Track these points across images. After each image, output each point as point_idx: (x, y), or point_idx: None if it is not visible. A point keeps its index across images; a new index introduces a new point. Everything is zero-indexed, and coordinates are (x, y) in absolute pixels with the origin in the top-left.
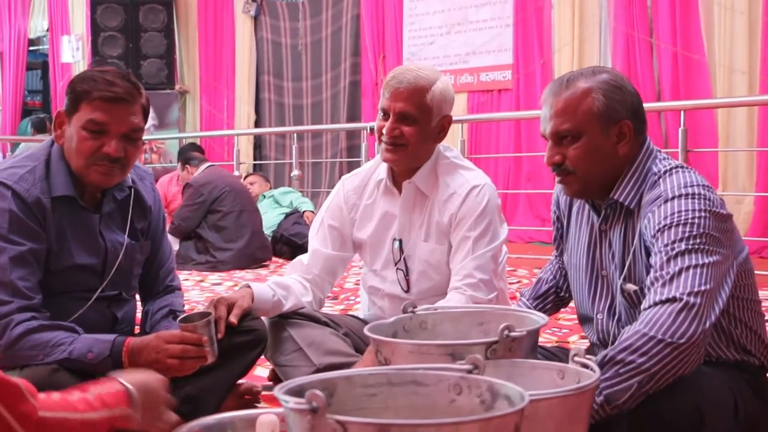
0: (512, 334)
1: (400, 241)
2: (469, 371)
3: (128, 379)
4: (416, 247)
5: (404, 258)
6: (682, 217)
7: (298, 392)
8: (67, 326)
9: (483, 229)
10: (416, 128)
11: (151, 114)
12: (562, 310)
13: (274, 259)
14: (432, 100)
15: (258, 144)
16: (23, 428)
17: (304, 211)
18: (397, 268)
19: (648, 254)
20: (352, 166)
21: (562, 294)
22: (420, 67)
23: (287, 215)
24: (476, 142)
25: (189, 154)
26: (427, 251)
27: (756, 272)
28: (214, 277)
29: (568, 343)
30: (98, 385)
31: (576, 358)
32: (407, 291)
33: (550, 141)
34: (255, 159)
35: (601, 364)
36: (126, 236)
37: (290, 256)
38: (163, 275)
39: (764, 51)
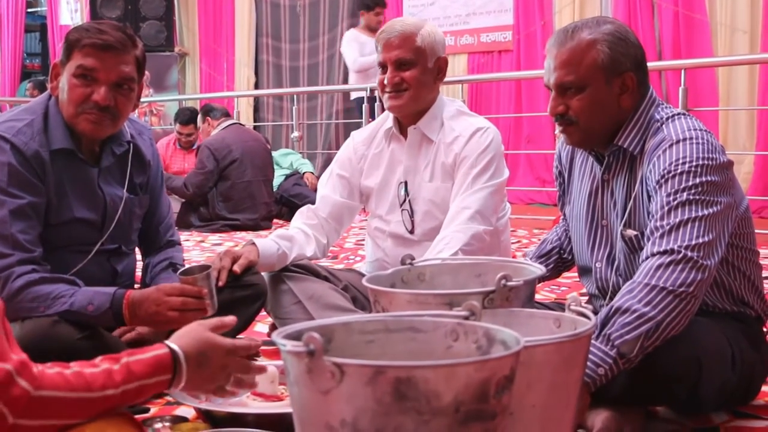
0: (509, 283)
1: (405, 183)
2: (466, 318)
3: (180, 343)
4: (421, 188)
5: (409, 200)
6: (686, 166)
7: (296, 337)
8: (68, 279)
9: (484, 166)
10: (415, 71)
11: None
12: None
13: (274, 221)
14: (423, 42)
15: (257, 106)
16: (11, 411)
17: (304, 173)
18: (402, 209)
19: (650, 200)
20: (347, 128)
21: (565, 255)
22: (405, 18)
23: (287, 176)
24: (476, 103)
25: (209, 105)
26: (431, 191)
27: (756, 231)
28: (214, 237)
29: (566, 300)
30: (140, 352)
31: (573, 307)
32: (411, 231)
33: (554, 92)
34: (255, 121)
35: (606, 319)
36: (125, 190)
37: (290, 218)
38: (163, 230)
39: (766, 10)
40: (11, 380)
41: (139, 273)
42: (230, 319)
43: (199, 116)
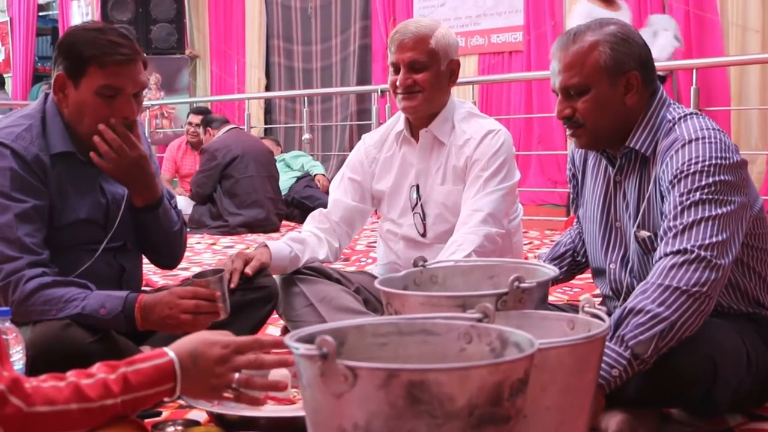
0: (522, 285)
1: (417, 186)
2: (479, 320)
3: (178, 349)
4: (433, 191)
5: (421, 203)
6: (699, 165)
7: (308, 340)
8: (79, 282)
9: (495, 169)
10: (428, 74)
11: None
12: None
13: (285, 222)
14: (437, 45)
15: (268, 108)
16: (6, 430)
17: (315, 175)
18: (414, 213)
19: (663, 200)
20: (362, 130)
21: (578, 258)
22: (419, 19)
23: (299, 179)
24: (487, 104)
25: (209, 117)
26: (443, 194)
27: None
28: (225, 240)
29: (579, 301)
30: (137, 361)
31: (586, 308)
32: (423, 235)
33: (560, 95)
34: (265, 123)
35: (620, 320)
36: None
37: (301, 220)
38: None
39: None
40: (4, 399)
41: (145, 272)
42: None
43: (200, 128)
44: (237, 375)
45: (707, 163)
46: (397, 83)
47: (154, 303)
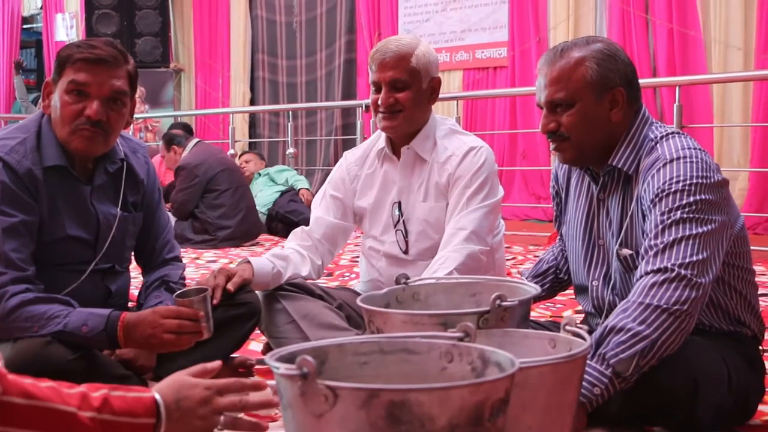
0: (504, 303)
1: (399, 203)
2: (461, 339)
3: (161, 391)
4: (415, 208)
5: (403, 220)
6: (680, 185)
7: (289, 359)
8: (63, 299)
9: (478, 186)
10: (409, 93)
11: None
12: None
13: (269, 236)
14: (418, 63)
15: (252, 123)
16: None
17: (299, 189)
18: (396, 230)
19: (645, 219)
20: (347, 144)
21: (561, 275)
22: (399, 37)
23: (283, 193)
24: (471, 120)
25: (171, 134)
26: (425, 211)
27: (751, 248)
28: (209, 254)
29: (562, 317)
30: (121, 389)
31: (567, 327)
32: (406, 252)
33: (545, 109)
34: (250, 137)
35: (601, 338)
36: (119, 209)
37: (285, 234)
38: (159, 248)
39: (759, 27)
40: None
41: (133, 291)
42: (214, 365)
43: (162, 146)
44: (222, 417)
45: (688, 182)
46: (379, 102)
47: (137, 322)
